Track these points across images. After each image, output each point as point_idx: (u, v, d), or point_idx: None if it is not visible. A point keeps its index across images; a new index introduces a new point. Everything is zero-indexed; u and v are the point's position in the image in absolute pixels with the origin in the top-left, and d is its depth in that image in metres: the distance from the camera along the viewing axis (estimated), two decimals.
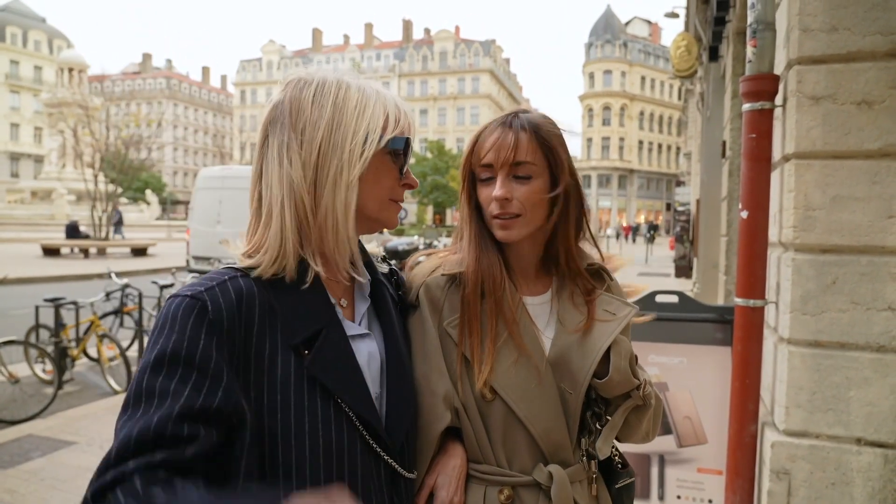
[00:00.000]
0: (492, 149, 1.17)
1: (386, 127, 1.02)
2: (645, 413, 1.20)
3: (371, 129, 1.00)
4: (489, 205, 1.19)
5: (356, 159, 0.99)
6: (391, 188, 1.06)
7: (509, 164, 1.16)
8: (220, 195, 11.47)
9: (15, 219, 31.19)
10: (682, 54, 9.74)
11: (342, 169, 0.98)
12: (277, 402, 0.91)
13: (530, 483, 1.14)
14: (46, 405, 5.24)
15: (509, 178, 1.17)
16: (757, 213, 1.98)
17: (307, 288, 0.98)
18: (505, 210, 1.17)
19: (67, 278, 15.26)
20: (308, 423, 0.91)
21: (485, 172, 1.20)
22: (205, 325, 0.87)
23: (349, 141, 0.98)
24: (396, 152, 1.04)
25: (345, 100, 1.00)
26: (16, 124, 62.69)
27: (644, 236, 41.86)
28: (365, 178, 1.01)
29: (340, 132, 0.98)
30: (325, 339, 0.96)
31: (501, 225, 1.18)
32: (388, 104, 1.04)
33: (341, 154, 0.98)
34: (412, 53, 73.64)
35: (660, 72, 69.28)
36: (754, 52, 1.98)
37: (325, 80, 1.03)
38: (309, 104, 1.00)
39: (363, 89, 1.03)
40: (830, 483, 1.93)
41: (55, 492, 3.66)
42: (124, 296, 6.85)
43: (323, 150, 0.98)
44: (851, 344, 1.90)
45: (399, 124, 1.04)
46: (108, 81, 78.98)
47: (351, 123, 0.99)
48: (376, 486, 0.97)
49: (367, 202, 1.03)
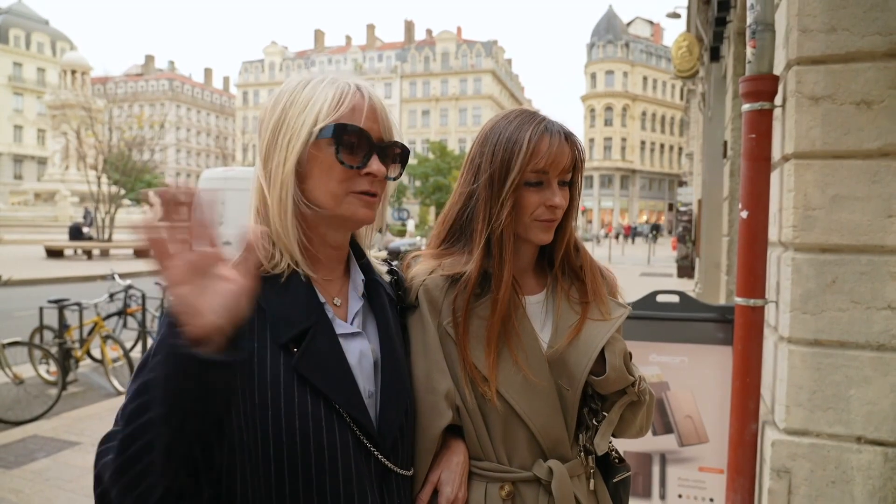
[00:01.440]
0: (549, 156, 1.18)
1: (318, 117, 0.98)
2: (640, 408, 1.24)
3: (306, 122, 0.98)
4: (536, 209, 1.20)
5: (292, 153, 0.98)
6: (344, 180, 1.01)
7: (564, 171, 1.20)
8: (223, 196, 11.48)
9: (19, 220, 31.24)
10: (683, 55, 9.74)
11: (280, 164, 0.99)
12: (268, 400, 0.92)
13: (530, 478, 1.17)
14: (51, 406, 5.27)
15: (559, 185, 1.21)
16: (757, 212, 1.99)
17: (295, 287, 0.99)
18: (554, 216, 1.21)
19: (71, 280, 15.31)
20: (298, 420, 0.92)
21: (537, 178, 1.20)
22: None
23: (286, 137, 0.99)
24: (340, 140, 0.99)
25: (294, 100, 1.01)
26: (19, 126, 62.87)
27: (646, 236, 41.67)
28: (308, 173, 1.00)
29: (283, 130, 1.00)
30: (312, 337, 0.97)
31: (546, 228, 1.22)
32: (330, 92, 1.00)
33: (281, 152, 0.99)
34: (414, 54, 73.68)
35: (662, 72, 69.20)
36: (754, 53, 1.99)
37: (291, 82, 1.04)
38: (269, 108, 1.03)
39: (316, 87, 1.01)
40: (831, 481, 1.93)
41: (60, 492, 3.68)
42: (127, 297, 6.87)
43: (269, 148, 1.00)
44: (851, 343, 1.91)
45: (337, 111, 0.99)
46: (111, 83, 78.95)
47: (292, 121, 0.99)
48: (367, 483, 0.98)
49: (317, 197, 1.01)
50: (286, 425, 0.92)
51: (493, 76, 71.05)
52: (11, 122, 62.10)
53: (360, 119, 1.00)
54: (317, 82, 1.02)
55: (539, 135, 1.18)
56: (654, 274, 19.15)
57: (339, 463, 0.94)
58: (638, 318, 2.51)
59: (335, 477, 0.94)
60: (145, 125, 29.62)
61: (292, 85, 1.03)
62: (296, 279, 1.00)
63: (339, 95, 1.00)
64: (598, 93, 69.99)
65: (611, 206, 69.22)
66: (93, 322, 6.22)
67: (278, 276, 0.99)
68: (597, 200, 69.00)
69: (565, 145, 1.19)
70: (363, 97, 1.02)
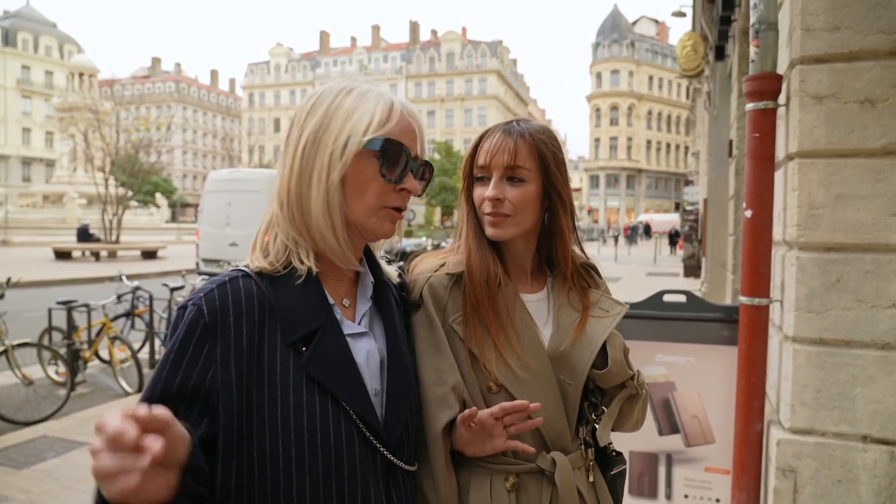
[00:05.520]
0: (489, 152, 1.24)
1: (368, 129, 1.00)
2: (637, 402, 1.29)
3: (354, 132, 1.00)
4: (482, 204, 1.26)
5: (336, 161, 0.99)
6: (381, 193, 1.03)
7: (504, 166, 1.23)
8: (229, 198, 11.53)
9: (27, 222, 31.50)
10: (688, 53, 9.72)
11: (323, 171, 1.00)
12: (277, 398, 0.93)
13: (534, 470, 1.20)
14: (60, 406, 5.31)
15: (503, 180, 1.24)
16: (761, 211, 1.99)
17: (305, 287, 1.01)
18: (496, 209, 1.23)
19: (79, 281, 15.42)
20: (306, 418, 0.94)
21: (481, 173, 1.27)
22: (198, 330, 0.92)
23: (331, 143, 1.00)
24: (386, 155, 1.01)
25: (338, 105, 1.02)
26: (27, 129, 63.37)
27: (639, 236, 41.29)
28: (348, 182, 1.02)
29: (325, 136, 1.00)
30: (321, 337, 0.99)
31: (492, 223, 1.25)
32: (379, 106, 1.02)
33: (323, 156, 1.00)
34: (419, 55, 73.72)
35: (668, 71, 68.92)
36: (757, 52, 1.98)
37: (331, 88, 1.05)
38: (306, 112, 1.04)
39: (363, 95, 1.03)
40: (836, 480, 1.93)
41: (69, 491, 3.71)
42: (135, 298, 6.92)
43: (307, 153, 1.01)
44: (856, 341, 1.91)
45: (385, 126, 1.01)
46: (118, 85, 79.64)
47: (336, 127, 1.00)
48: (373, 479, 1.00)
49: (351, 207, 1.03)
50: (294, 423, 0.93)
51: (499, 76, 70.98)
52: (20, 124, 62.59)
53: (404, 136, 1.04)
54: (360, 92, 1.03)
55: (492, 134, 1.27)
56: (660, 273, 19.10)
57: (345, 460, 0.96)
58: (644, 317, 2.51)
59: (341, 473, 0.96)
60: (152, 127, 29.74)
61: (333, 91, 1.04)
62: (307, 280, 1.01)
63: (388, 110, 1.02)
64: (604, 92, 69.81)
65: (617, 205, 69.03)
66: (101, 323, 6.27)
67: (289, 276, 1.01)
68: (603, 200, 68.86)
69: (508, 141, 1.23)
70: (407, 115, 1.05)
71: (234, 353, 0.92)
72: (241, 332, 0.94)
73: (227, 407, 0.91)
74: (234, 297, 0.96)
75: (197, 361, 0.92)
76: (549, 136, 1.28)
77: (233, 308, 0.95)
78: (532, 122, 1.29)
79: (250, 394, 0.93)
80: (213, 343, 0.92)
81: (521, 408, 1.08)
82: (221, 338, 0.92)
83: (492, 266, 1.25)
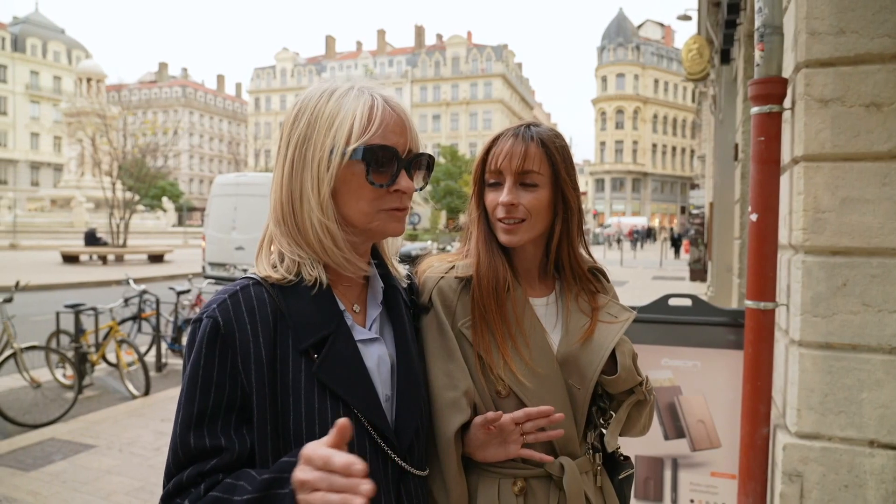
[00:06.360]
0: (503, 156, 1.24)
1: (350, 137, 0.97)
2: (645, 407, 1.29)
3: (336, 143, 0.97)
4: (495, 209, 1.25)
5: (323, 174, 0.97)
6: (374, 199, 1.01)
7: (518, 171, 1.23)
8: (236, 202, 11.58)
9: (35, 226, 31.69)
10: (693, 57, 9.70)
11: (313, 186, 0.98)
12: (290, 404, 0.94)
13: (542, 475, 1.20)
14: (67, 409, 5.34)
15: (516, 185, 1.24)
16: (767, 215, 1.99)
17: (315, 294, 1.00)
18: (510, 215, 1.23)
19: (86, 285, 15.49)
20: (318, 425, 0.94)
21: (494, 178, 1.26)
22: (217, 342, 0.93)
23: (316, 157, 0.98)
24: (370, 162, 0.98)
25: (319, 113, 0.99)
26: (36, 134, 63.85)
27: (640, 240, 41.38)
28: (339, 192, 1.00)
29: (309, 150, 0.99)
30: (332, 343, 0.98)
31: (506, 229, 1.25)
32: (359, 109, 0.98)
33: (310, 171, 0.98)
34: (424, 59, 73.88)
35: (673, 74, 68.86)
36: (762, 56, 1.99)
37: (312, 93, 1.03)
38: (290, 123, 1.02)
39: (343, 97, 0.99)
40: (843, 485, 1.92)
41: (76, 493, 3.73)
42: (142, 302, 6.96)
43: (295, 169, 1.00)
44: (863, 346, 1.90)
45: (368, 130, 0.97)
46: (125, 90, 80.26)
47: (319, 140, 0.98)
48: (384, 485, 1.00)
49: (349, 215, 1.02)
50: (306, 430, 0.94)
51: (504, 80, 71.02)
52: (28, 129, 63.08)
53: (390, 135, 1.00)
54: (341, 94, 1.00)
55: (504, 139, 1.26)
56: (666, 277, 19.04)
57: None
58: (650, 321, 2.51)
59: None
60: (158, 132, 29.90)
61: (315, 95, 1.01)
62: (318, 287, 1.01)
63: (367, 113, 0.98)
64: (609, 96, 69.78)
65: (622, 209, 68.87)
66: (108, 326, 6.31)
67: (300, 284, 1.01)
68: (608, 203, 68.72)
69: (520, 146, 1.23)
70: (391, 110, 1.01)
71: (254, 360, 0.93)
72: (258, 341, 0.94)
73: (260, 413, 0.92)
74: (247, 306, 0.96)
75: (225, 373, 0.92)
76: (560, 140, 1.28)
77: (248, 317, 0.95)
78: (542, 126, 1.28)
79: (273, 399, 0.94)
80: (234, 353, 0.93)
81: (545, 413, 1.08)
82: (240, 347, 0.93)
83: (501, 271, 1.24)
